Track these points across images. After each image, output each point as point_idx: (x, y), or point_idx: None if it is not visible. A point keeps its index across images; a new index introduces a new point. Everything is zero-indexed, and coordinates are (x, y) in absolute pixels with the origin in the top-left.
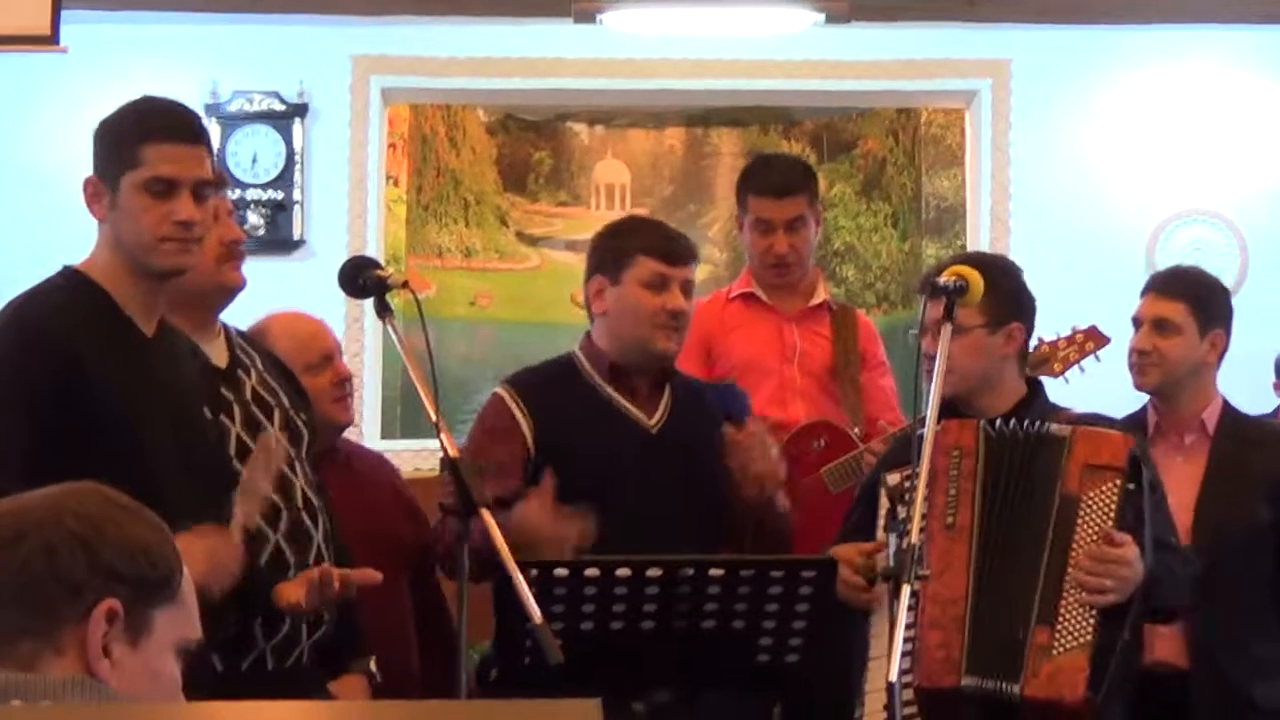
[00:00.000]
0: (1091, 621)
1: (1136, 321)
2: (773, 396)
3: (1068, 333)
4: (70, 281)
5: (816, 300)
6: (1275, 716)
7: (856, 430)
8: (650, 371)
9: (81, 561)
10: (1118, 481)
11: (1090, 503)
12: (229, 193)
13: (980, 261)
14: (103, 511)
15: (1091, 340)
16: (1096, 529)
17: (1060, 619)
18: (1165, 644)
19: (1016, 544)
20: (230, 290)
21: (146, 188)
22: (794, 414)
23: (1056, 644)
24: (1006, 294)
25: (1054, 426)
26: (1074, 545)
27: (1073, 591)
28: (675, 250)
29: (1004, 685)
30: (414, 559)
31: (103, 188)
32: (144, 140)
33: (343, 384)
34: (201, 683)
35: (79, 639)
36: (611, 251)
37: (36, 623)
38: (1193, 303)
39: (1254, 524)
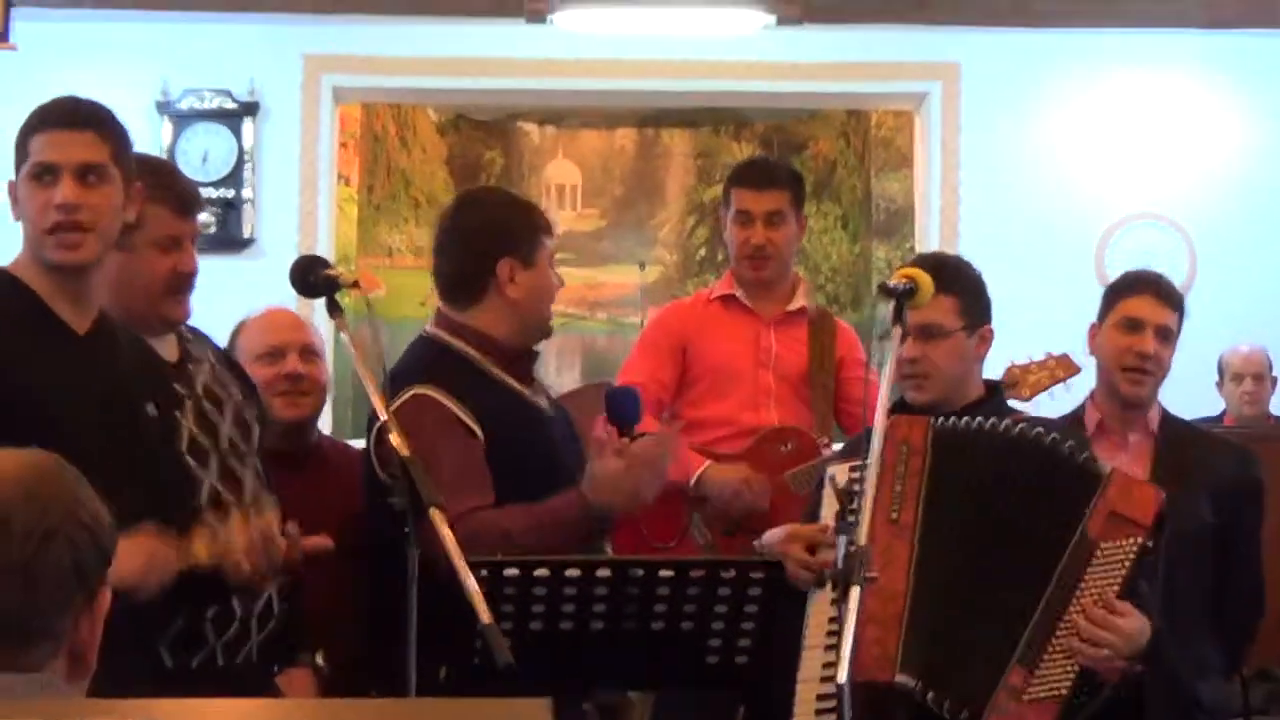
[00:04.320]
0: (1071, 677)
1: (1138, 325)
2: (747, 400)
3: (1040, 357)
4: None
5: (795, 306)
6: (1218, 715)
7: (824, 438)
8: (530, 357)
9: (93, 553)
10: (1139, 538)
11: (1106, 553)
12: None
13: (948, 264)
14: (87, 492)
15: (1063, 368)
16: (1105, 582)
17: (1042, 665)
18: None
19: (994, 556)
20: (171, 324)
21: (32, 175)
22: (766, 418)
23: (1030, 690)
24: (979, 296)
25: (1090, 458)
26: (1079, 594)
27: (1063, 640)
28: (548, 221)
29: (964, 712)
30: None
31: (12, 187)
32: (32, 132)
33: (288, 379)
34: (152, 679)
35: (74, 631)
36: (523, 230)
37: (56, 623)
38: None
39: (1200, 525)
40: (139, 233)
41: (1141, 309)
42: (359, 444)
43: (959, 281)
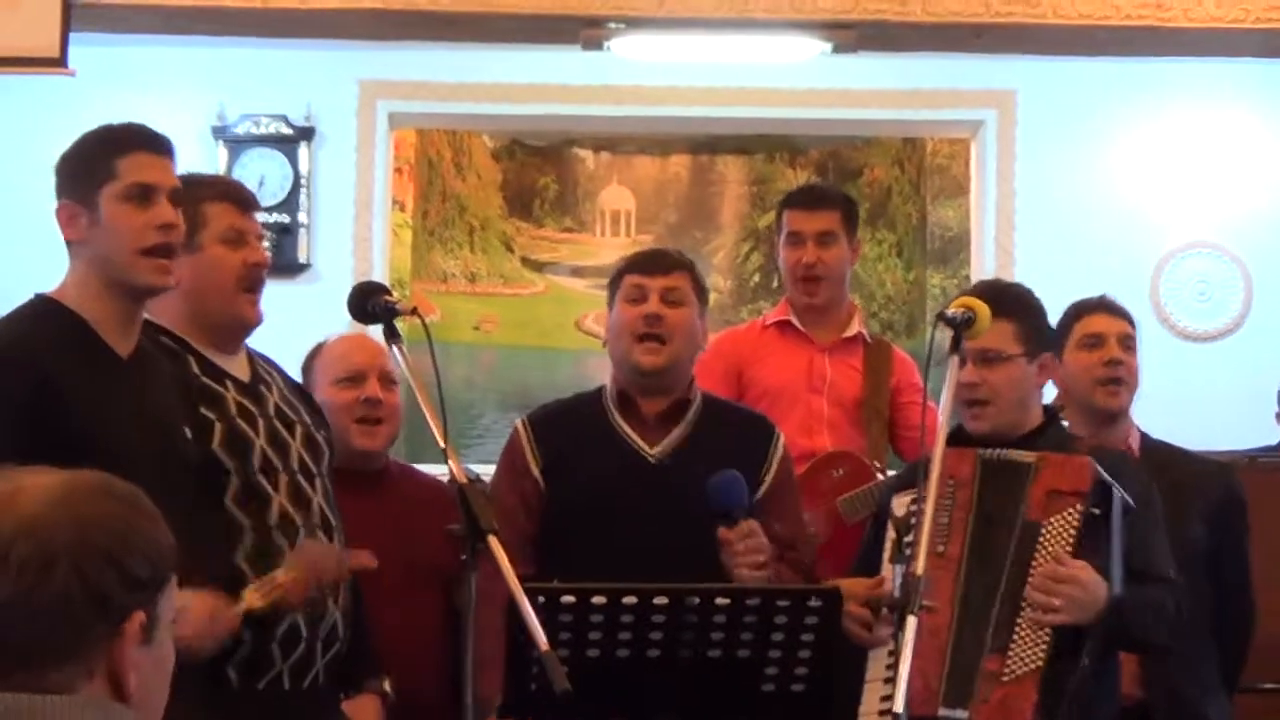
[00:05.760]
0: (1043, 648)
1: (1099, 339)
2: (800, 425)
3: None
4: (41, 308)
5: (850, 332)
6: None
7: (877, 463)
8: (658, 397)
9: (112, 578)
10: (1078, 507)
11: (1051, 529)
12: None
13: (1009, 289)
14: (118, 514)
15: None
16: (1055, 554)
17: (1013, 646)
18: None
19: (985, 573)
20: (246, 325)
21: (126, 196)
22: (820, 443)
23: (1006, 670)
24: (1040, 323)
25: (1019, 454)
26: (1031, 571)
27: (1027, 616)
28: (651, 260)
29: (956, 713)
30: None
31: (79, 209)
32: (117, 153)
33: (367, 404)
34: (218, 701)
35: (107, 656)
36: (610, 284)
37: (74, 648)
38: None
39: (1195, 547)
40: (203, 232)
41: (1098, 324)
42: (430, 469)
43: (1019, 308)
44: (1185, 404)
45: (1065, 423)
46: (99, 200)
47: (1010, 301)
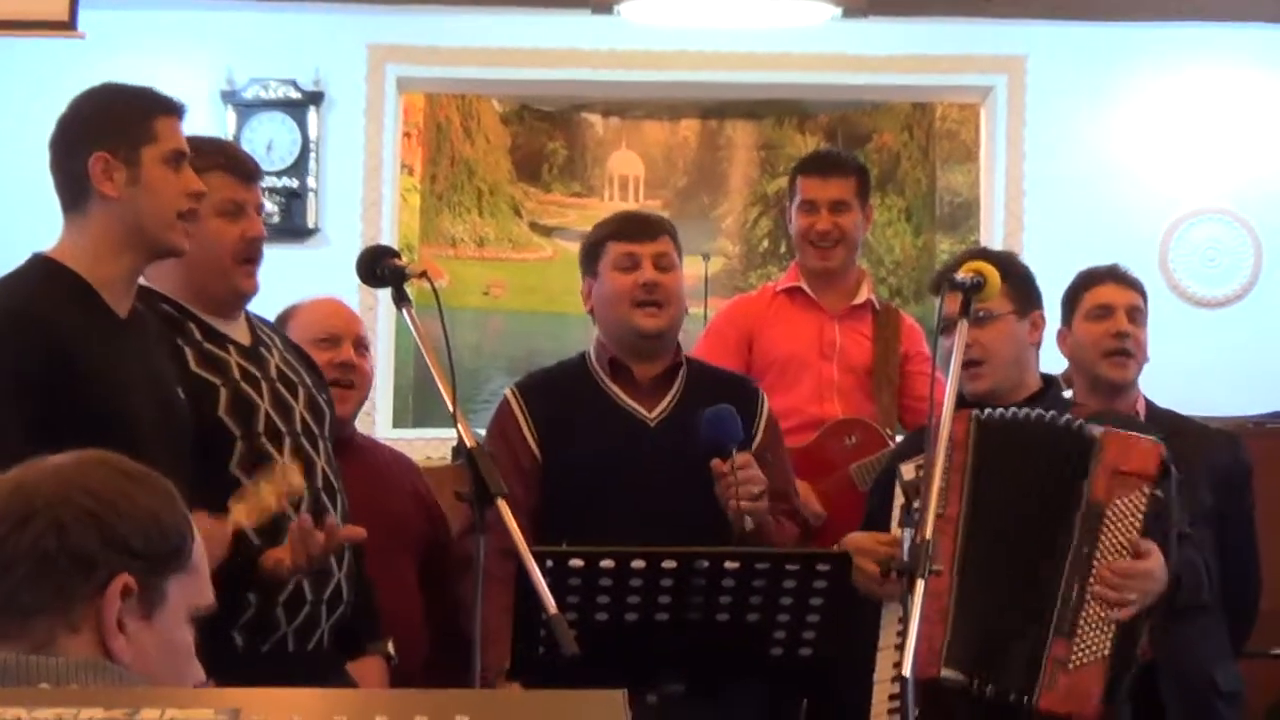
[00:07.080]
0: (1110, 634)
1: (1108, 309)
2: (811, 393)
3: None
4: (44, 268)
5: (860, 299)
6: (1234, 696)
7: (888, 430)
8: (652, 361)
9: (94, 537)
10: (1145, 490)
11: (1116, 511)
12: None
13: (994, 255)
14: (112, 483)
15: None
16: (1122, 540)
17: (1080, 632)
18: None
19: (1022, 540)
20: (242, 296)
21: (165, 160)
22: (831, 410)
23: (1074, 657)
24: (1027, 282)
25: (1083, 424)
26: (1098, 557)
27: (1094, 604)
28: (639, 227)
29: (1020, 695)
30: (425, 553)
31: (118, 165)
32: (154, 115)
33: (341, 367)
34: (222, 662)
35: (93, 615)
36: (587, 251)
37: (51, 601)
38: None
39: (1203, 513)
40: (202, 203)
41: (1108, 295)
42: (437, 433)
43: (1005, 267)
44: (1195, 370)
45: (1068, 392)
46: (141, 159)
47: (995, 263)
